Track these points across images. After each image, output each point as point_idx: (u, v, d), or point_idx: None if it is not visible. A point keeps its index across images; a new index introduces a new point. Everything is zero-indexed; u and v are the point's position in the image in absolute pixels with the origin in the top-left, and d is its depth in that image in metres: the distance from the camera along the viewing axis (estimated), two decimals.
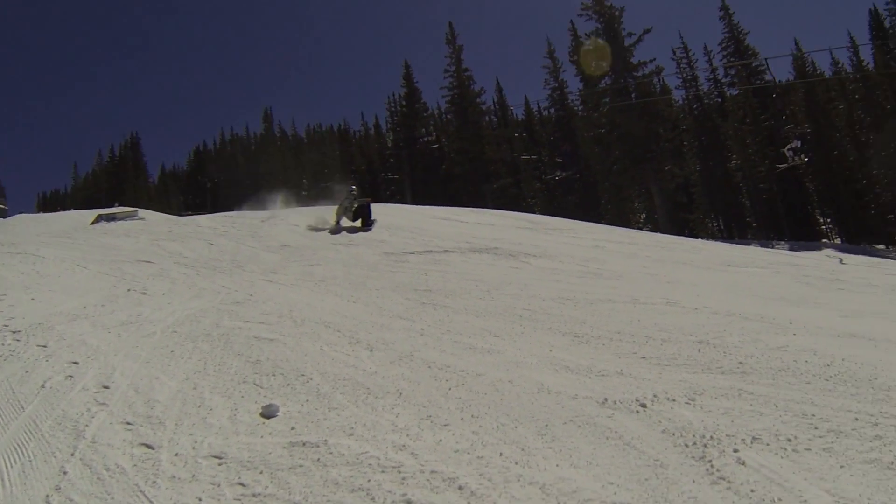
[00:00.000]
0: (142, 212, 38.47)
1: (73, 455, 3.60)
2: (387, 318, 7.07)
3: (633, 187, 41.86)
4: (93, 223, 27.85)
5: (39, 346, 5.75)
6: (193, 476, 3.35)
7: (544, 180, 46.88)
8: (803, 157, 35.10)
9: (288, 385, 4.73)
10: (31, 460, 3.56)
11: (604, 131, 41.39)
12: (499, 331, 6.55)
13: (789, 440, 3.71)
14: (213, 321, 6.71)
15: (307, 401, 4.42)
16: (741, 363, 5.38)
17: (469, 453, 3.60)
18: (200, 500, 3.13)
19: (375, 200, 18.58)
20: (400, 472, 3.34)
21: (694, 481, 3.24)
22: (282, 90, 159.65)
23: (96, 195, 65.26)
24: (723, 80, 44.64)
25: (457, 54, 48.11)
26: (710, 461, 3.45)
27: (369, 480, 3.26)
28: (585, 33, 42.66)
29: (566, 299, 8.26)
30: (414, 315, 7.23)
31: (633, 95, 40.62)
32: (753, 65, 41.29)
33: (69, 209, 56.24)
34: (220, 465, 3.45)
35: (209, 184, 68.82)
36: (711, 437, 3.78)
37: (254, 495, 3.15)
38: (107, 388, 4.67)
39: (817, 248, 28.32)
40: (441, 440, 3.80)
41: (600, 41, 41.27)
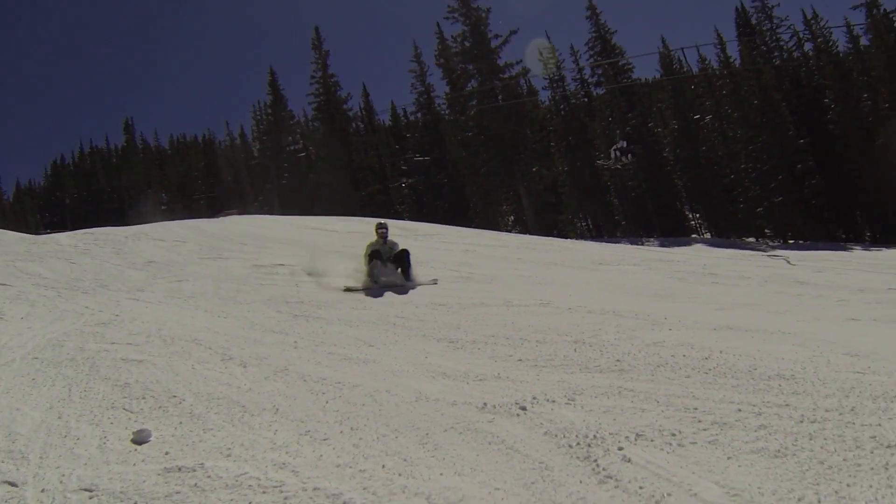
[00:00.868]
0: None
1: None
2: (259, 333, 7.36)
3: (501, 190, 43.95)
4: None
5: None
6: None
7: (408, 186, 48.33)
8: (630, 157, 38.54)
9: (160, 408, 4.79)
10: None
11: (471, 134, 43.43)
12: (373, 339, 6.89)
13: (674, 435, 3.97)
14: (77, 344, 6.75)
15: (181, 423, 4.48)
16: (619, 361, 5.74)
17: (351, 467, 3.69)
18: None
19: (242, 212, 18.15)
20: (282, 492, 3.39)
21: (581, 482, 3.38)
22: (143, 100, 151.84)
23: None
24: (589, 80, 47.98)
25: (323, 59, 48.78)
26: (596, 460, 3.62)
27: (250, 503, 3.30)
28: (452, 35, 44.49)
29: (439, 304, 8.77)
30: (287, 328, 7.62)
31: (500, 97, 42.97)
32: (620, 63, 45.01)
33: None
34: (91, 498, 3.43)
35: (68, 200, 67.48)
36: (595, 436, 3.98)
37: None
38: None
39: (688, 244, 31.25)
40: (322, 455, 3.88)
41: (466, 44, 43.36)
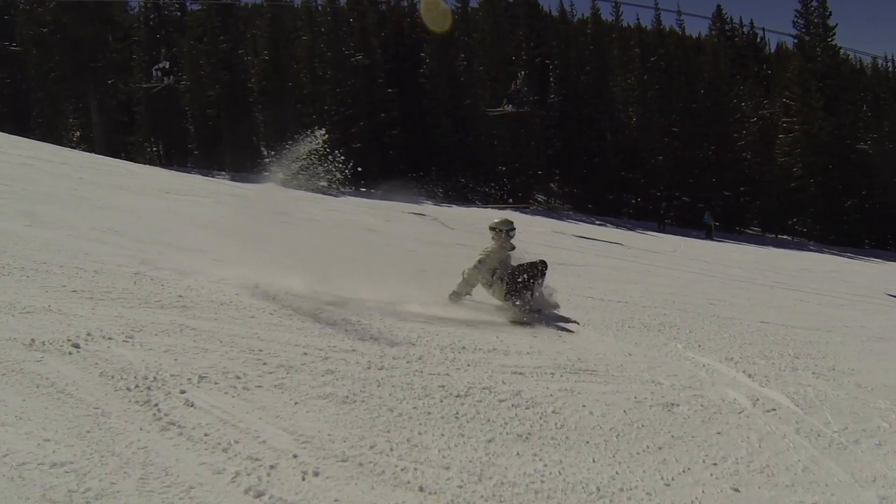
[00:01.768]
0: None
1: None
2: None
3: (70, 100, 40.47)
4: None
5: None
6: None
7: None
8: (172, 78, 38.87)
9: None
10: None
11: (46, 31, 38.75)
12: None
13: (238, 378, 4.10)
14: None
15: None
16: (181, 297, 5.71)
17: None
18: None
19: None
20: None
21: (142, 429, 3.27)
22: None
23: None
24: None
25: None
26: (157, 405, 3.55)
27: None
28: None
29: None
30: None
31: None
32: None
33: None
34: None
35: None
36: (155, 378, 3.89)
37: None
38: None
39: (259, 181, 31.61)
40: None
41: None
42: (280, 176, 7.73)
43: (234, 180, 31.11)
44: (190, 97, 41.88)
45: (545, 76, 42.88)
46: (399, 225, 17.64)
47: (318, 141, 7.60)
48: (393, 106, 40.79)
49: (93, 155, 21.71)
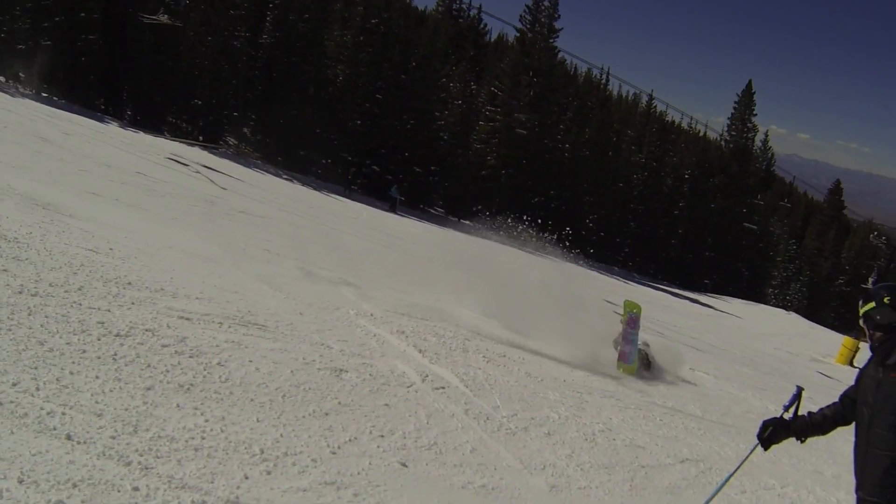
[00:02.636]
0: None
1: None
2: None
3: None
4: None
5: None
6: None
7: None
8: None
9: None
10: None
11: None
12: None
13: None
14: None
15: None
16: None
17: None
18: None
19: None
20: None
21: None
22: None
23: None
24: None
25: None
26: None
27: None
28: None
29: None
30: None
31: None
32: None
33: None
34: None
35: None
36: None
37: None
38: None
39: None
40: None
41: None
42: None
43: None
44: None
45: (263, 14, 41.26)
46: (76, 139, 15.76)
47: None
48: (94, 7, 35.79)
49: None
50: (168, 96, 37.43)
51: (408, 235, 22.31)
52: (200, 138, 36.36)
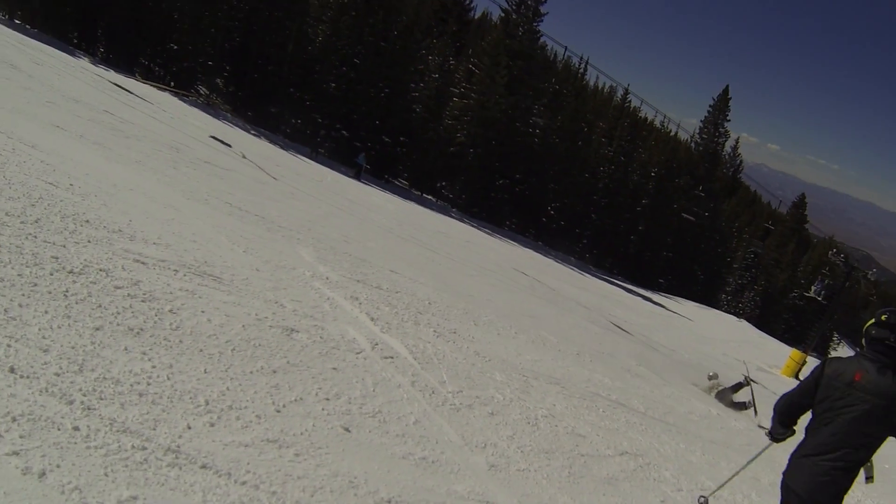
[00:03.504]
0: None
1: None
2: None
3: None
4: None
5: None
6: None
7: None
8: None
9: None
10: None
11: None
12: None
13: None
14: None
15: None
16: None
17: None
18: None
19: None
20: None
21: None
22: None
23: None
24: None
25: None
26: None
27: None
28: None
29: None
30: None
31: None
32: None
33: None
34: None
35: None
36: None
37: None
38: None
39: None
40: None
41: None
42: None
43: None
44: None
45: None
46: (46, 70, 15.26)
47: None
48: None
49: None
50: (143, 37, 36.48)
51: (370, 204, 22.23)
52: (172, 84, 35.57)
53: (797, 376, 24.97)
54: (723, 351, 24.82)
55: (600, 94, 68.54)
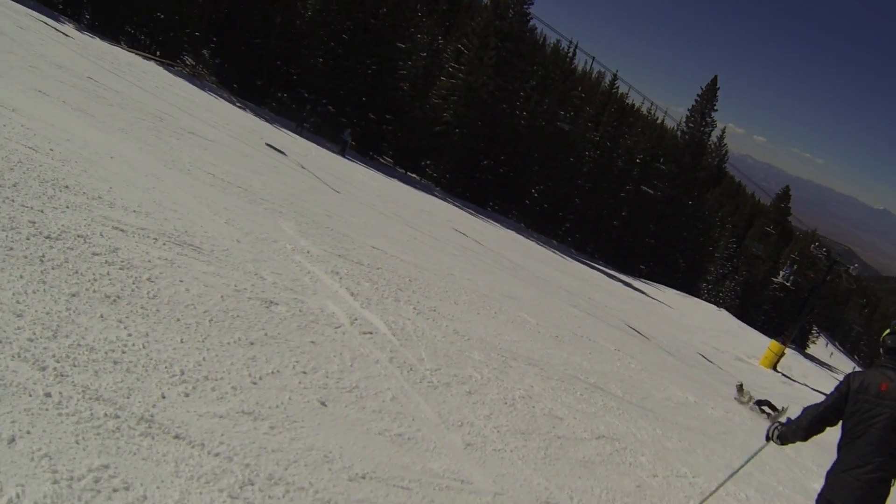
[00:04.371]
0: None
1: None
2: None
3: None
4: None
5: None
6: None
7: None
8: None
9: None
10: None
11: None
12: None
13: None
14: None
15: None
16: None
17: None
18: None
19: None
20: None
21: None
22: None
23: None
24: None
25: None
26: None
27: None
28: None
29: None
30: None
31: None
32: None
33: None
34: None
35: None
36: None
37: None
38: None
39: None
40: None
41: None
42: None
43: None
44: None
45: None
46: (30, 35, 14.96)
47: None
48: None
49: None
50: (130, 5, 35.88)
51: (353, 180, 22.09)
52: (158, 53, 35.08)
53: (775, 367, 25.25)
54: (702, 339, 25.05)
55: (588, 79, 68.44)
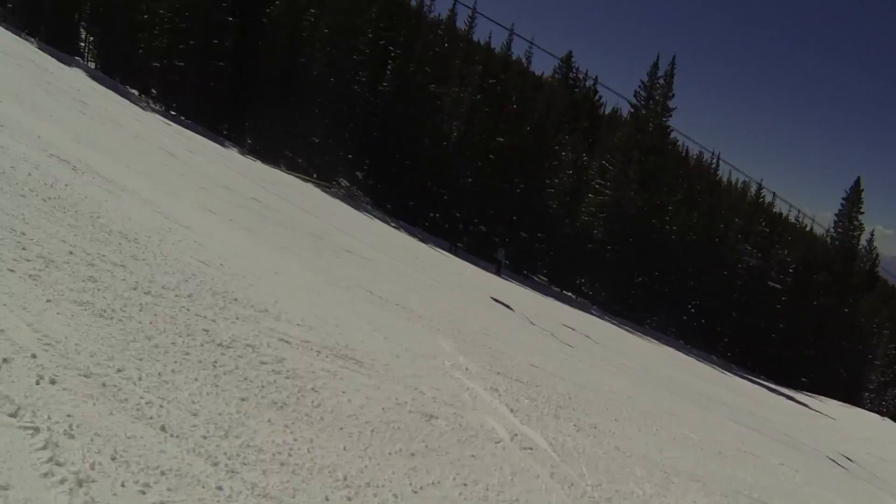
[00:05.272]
0: None
1: None
2: None
3: None
4: None
5: None
6: None
7: None
8: None
9: None
10: None
11: None
12: None
13: None
14: None
15: None
16: None
17: None
18: None
19: None
20: None
21: None
22: None
23: None
24: None
25: None
26: None
27: None
28: None
29: None
30: None
31: None
32: None
33: None
34: None
35: None
36: None
37: None
38: None
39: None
40: None
41: None
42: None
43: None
44: None
45: (384, 61, 42.66)
46: (198, 158, 16.75)
47: None
48: (227, 35, 38.01)
49: None
50: (288, 130, 38.99)
51: (508, 297, 22.15)
52: (315, 175, 37.59)
53: None
54: (867, 450, 22.53)
55: (734, 190, 66.45)
